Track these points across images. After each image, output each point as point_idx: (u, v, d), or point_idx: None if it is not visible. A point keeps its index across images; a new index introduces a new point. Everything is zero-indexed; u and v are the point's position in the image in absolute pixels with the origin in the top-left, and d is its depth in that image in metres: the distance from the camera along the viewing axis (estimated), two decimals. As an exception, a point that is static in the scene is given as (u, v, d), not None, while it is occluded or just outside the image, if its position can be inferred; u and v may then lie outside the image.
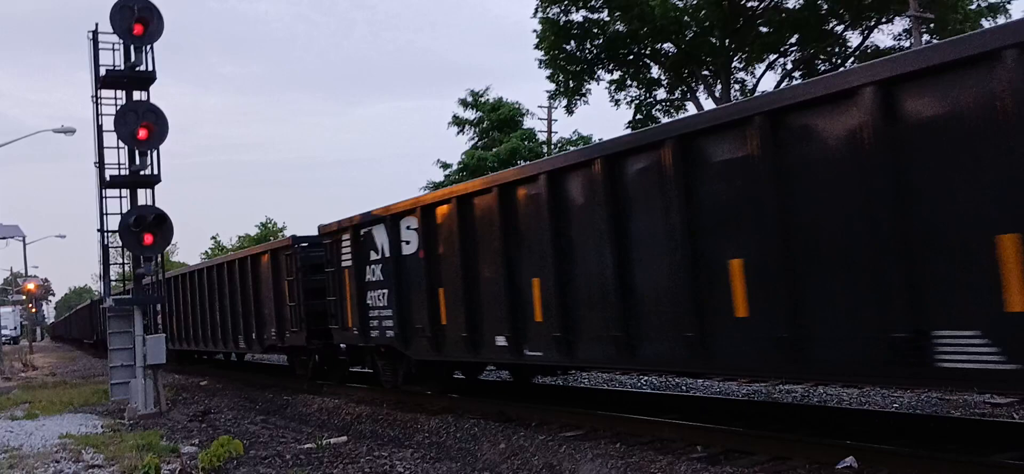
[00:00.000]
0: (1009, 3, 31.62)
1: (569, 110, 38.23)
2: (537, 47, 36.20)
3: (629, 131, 30.15)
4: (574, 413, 10.76)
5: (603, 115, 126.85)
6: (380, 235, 13.30)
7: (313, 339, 16.23)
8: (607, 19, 35.70)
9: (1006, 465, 6.75)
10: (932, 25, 29.62)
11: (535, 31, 36.03)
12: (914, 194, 6.11)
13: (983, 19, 30.87)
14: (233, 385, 21.10)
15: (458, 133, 42.57)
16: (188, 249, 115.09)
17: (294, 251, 16.61)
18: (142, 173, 16.66)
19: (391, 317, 13.11)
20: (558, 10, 35.57)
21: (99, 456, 11.21)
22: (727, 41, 34.76)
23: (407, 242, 12.60)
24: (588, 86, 37.49)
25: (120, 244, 18.08)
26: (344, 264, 14.45)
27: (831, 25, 34.82)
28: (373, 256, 13.54)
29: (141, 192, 16.87)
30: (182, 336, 24.33)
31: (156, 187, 16.93)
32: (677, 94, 38.04)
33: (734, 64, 36.26)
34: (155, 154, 16.67)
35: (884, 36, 35.10)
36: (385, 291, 13.23)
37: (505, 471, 9.35)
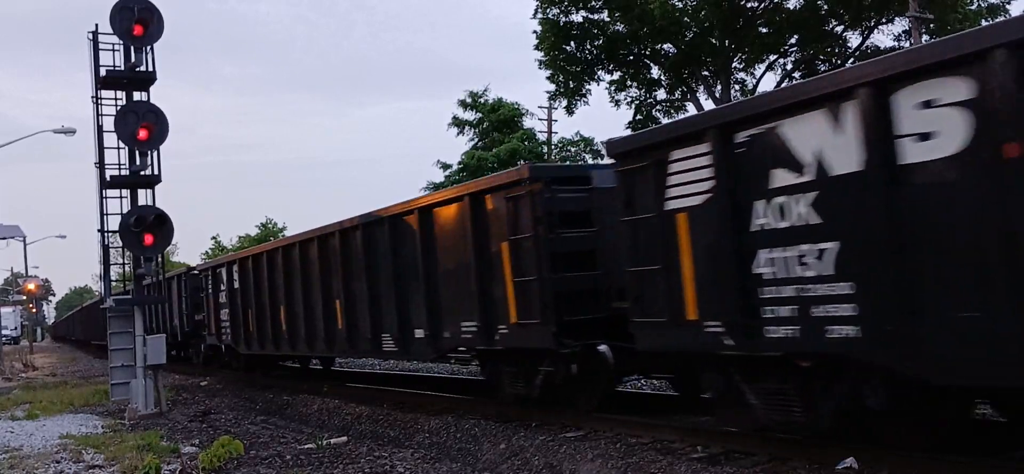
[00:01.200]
0: (1009, 3, 31.65)
1: (569, 111, 38.26)
2: (537, 48, 36.21)
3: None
4: (575, 414, 10.75)
5: (604, 116, 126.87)
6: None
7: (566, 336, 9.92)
8: (607, 20, 35.70)
9: (1007, 465, 6.76)
10: (932, 25, 29.63)
11: (535, 32, 36.05)
12: None
13: (983, 19, 30.87)
14: (233, 386, 21.09)
15: (458, 134, 42.68)
16: (189, 249, 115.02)
17: (530, 191, 10.07)
18: (142, 173, 16.68)
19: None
20: (558, 11, 35.57)
21: (99, 456, 11.22)
22: (727, 41, 34.75)
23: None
24: (588, 87, 37.50)
25: (120, 244, 18.09)
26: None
27: (831, 25, 34.83)
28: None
29: (141, 192, 16.90)
30: (259, 337, 18.44)
31: (156, 187, 16.95)
32: (677, 94, 38.05)
33: (734, 64, 36.26)
34: (155, 154, 16.70)
35: (884, 36, 35.14)
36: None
37: (505, 471, 9.36)
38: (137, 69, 16.56)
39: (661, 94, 38.38)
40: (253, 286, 18.47)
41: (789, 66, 36.41)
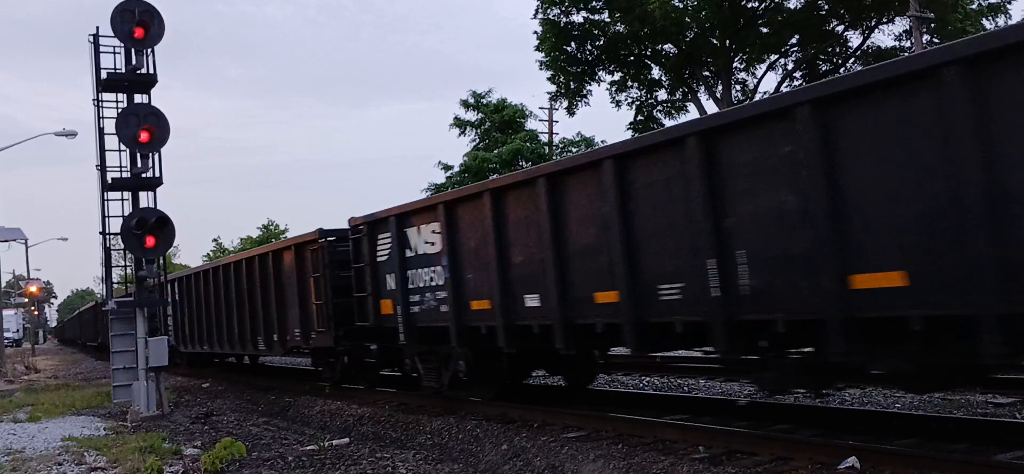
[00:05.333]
0: (1009, 3, 31.62)
1: (570, 111, 38.25)
2: (538, 48, 36.21)
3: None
4: (576, 414, 10.76)
5: (604, 116, 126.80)
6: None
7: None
8: (608, 20, 35.70)
9: (1009, 465, 6.76)
10: (932, 25, 29.61)
11: (535, 33, 36.06)
12: None
13: (983, 19, 30.84)
14: (235, 387, 21.12)
15: (459, 135, 42.65)
16: (190, 251, 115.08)
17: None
18: (144, 176, 16.68)
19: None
20: (559, 11, 35.58)
21: (102, 459, 11.22)
22: (728, 42, 34.75)
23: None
24: (589, 87, 37.50)
25: (122, 247, 18.10)
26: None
27: (832, 25, 34.82)
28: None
29: (143, 195, 16.89)
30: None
31: (158, 190, 16.96)
32: (678, 95, 38.05)
33: (735, 65, 36.25)
34: (156, 157, 16.69)
35: (885, 36, 35.12)
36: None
37: (507, 472, 9.36)
38: (138, 72, 16.56)
39: (662, 94, 38.41)
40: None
41: (790, 66, 36.42)
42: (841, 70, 32.97)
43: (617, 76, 37.59)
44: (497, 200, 10.72)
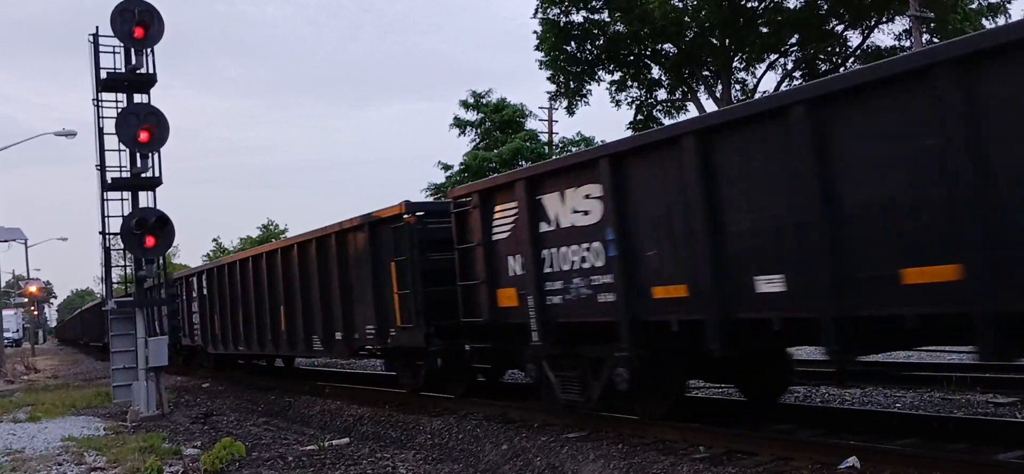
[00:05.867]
0: (1009, 3, 31.64)
1: (570, 111, 38.27)
2: (538, 48, 36.22)
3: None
4: (577, 414, 10.73)
5: (605, 116, 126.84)
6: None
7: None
8: (607, 20, 35.70)
9: (1009, 464, 6.76)
10: (932, 24, 29.61)
11: (535, 32, 36.07)
12: None
13: (983, 19, 30.85)
14: (235, 387, 21.10)
15: (459, 135, 42.68)
16: (190, 251, 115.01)
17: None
18: (143, 176, 16.67)
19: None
20: (558, 11, 35.58)
21: (102, 459, 11.22)
22: (727, 41, 34.76)
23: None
24: (589, 87, 37.52)
25: (122, 247, 18.09)
26: None
27: (832, 25, 34.82)
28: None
29: (143, 195, 16.89)
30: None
31: (157, 189, 16.95)
32: (678, 95, 38.06)
33: (735, 64, 36.25)
34: (156, 156, 16.69)
35: (885, 36, 35.13)
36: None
37: (507, 472, 9.36)
38: (138, 71, 16.55)
39: (662, 94, 38.42)
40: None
41: (789, 66, 36.43)
42: (841, 70, 32.97)
43: (617, 76, 37.61)
44: (705, 145, 7.89)
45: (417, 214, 12.38)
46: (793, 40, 35.50)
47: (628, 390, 9.28)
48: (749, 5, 34.46)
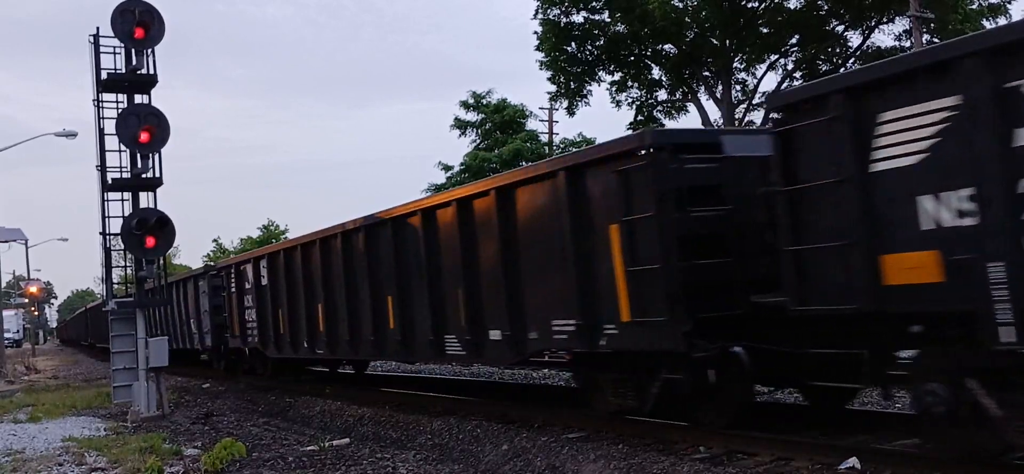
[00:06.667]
0: (1010, 3, 31.62)
1: (570, 112, 38.22)
2: (538, 49, 36.22)
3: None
4: (577, 414, 10.74)
5: (605, 116, 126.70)
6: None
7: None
8: (608, 20, 35.70)
9: (1010, 465, 6.75)
10: (932, 25, 29.60)
11: (535, 33, 36.07)
12: None
13: (984, 19, 30.84)
14: (236, 387, 21.10)
15: (460, 135, 42.69)
16: (190, 251, 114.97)
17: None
18: (144, 176, 16.69)
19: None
20: (559, 12, 35.58)
21: (102, 459, 11.23)
22: (728, 42, 34.74)
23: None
24: (589, 87, 37.49)
25: (122, 247, 18.10)
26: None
27: (832, 25, 34.81)
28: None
29: (143, 195, 16.90)
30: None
31: (158, 190, 16.96)
32: (678, 95, 38.05)
33: (735, 65, 36.24)
34: (157, 157, 16.70)
35: (885, 36, 35.10)
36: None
37: (508, 472, 9.36)
38: (138, 72, 16.56)
39: (662, 95, 38.38)
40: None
41: (790, 66, 36.41)
42: (841, 70, 32.96)
43: (617, 76, 37.57)
44: None
45: (670, 147, 8.49)
46: (793, 40, 35.49)
47: None
48: (749, 5, 34.44)
